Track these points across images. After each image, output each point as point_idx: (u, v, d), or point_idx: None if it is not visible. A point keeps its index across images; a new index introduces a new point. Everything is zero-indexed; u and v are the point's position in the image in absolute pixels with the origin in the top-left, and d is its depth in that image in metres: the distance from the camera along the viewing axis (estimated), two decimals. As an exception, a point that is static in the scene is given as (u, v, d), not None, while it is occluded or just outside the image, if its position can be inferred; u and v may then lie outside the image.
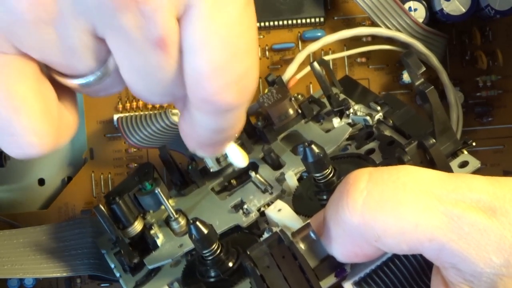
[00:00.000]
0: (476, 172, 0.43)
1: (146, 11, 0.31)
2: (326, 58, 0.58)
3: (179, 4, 0.32)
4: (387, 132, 0.47)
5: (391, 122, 0.48)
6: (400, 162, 0.41)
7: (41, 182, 0.61)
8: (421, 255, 0.35)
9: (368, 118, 0.48)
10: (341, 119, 0.50)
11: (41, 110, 0.33)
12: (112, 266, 0.49)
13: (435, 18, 0.58)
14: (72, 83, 0.34)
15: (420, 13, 0.58)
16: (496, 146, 0.61)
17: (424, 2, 0.58)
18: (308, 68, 0.56)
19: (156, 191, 0.48)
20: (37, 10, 0.31)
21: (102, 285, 0.59)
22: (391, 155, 0.43)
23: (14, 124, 0.33)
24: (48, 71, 0.34)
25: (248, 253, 0.36)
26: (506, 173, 0.60)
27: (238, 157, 0.44)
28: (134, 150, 0.60)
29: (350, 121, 0.50)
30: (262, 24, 0.59)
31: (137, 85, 0.34)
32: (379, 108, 0.48)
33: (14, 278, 0.57)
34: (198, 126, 0.37)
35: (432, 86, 0.43)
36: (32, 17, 0.31)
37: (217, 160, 0.48)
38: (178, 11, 0.32)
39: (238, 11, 0.33)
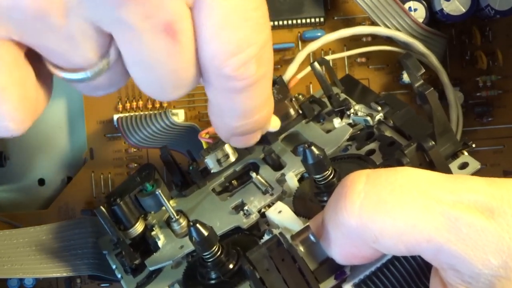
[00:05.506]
0: (476, 173, 0.43)
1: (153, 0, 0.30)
2: (326, 58, 0.58)
3: None
4: (388, 133, 0.47)
5: (391, 122, 0.48)
6: (399, 164, 0.41)
7: (41, 182, 0.61)
8: (420, 257, 0.35)
9: (368, 118, 0.48)
10: (341, 119, 0.50)
11: (20, 98, 0.32)
12: (114, 267, 0.49)
13: (435, 18, 0.58)
14: (68, 77, 0.33)
15: (420, 13, 0.58)
16: (496, 146, 0.61)
17: (424, 2, 0.58)
18: (308, 68, 0.56)
19: (157, 193, 0.48)
20: (42, 3, 0.30)
21: (102, 285, 0.59)
22: (392, 156, 0.43)
23: None
24: (36, 57, 0.33)
25: (248, 256, 0.36)
26: (506, 173, 0.60)
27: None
28: (134, 150, 0.60)
29: (350, 121, 0.50)
30: (262, 24, 0.59)
31: (146, 79, 0.33)
32: (379, 108, 0.48)
33: (14, 278, 0.57)
34: (225, 113, 0.37)
35: (432, 88, 0.43)
36: (35, 8, 0.30)
37: (218, 161, 0.48)
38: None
39: None
